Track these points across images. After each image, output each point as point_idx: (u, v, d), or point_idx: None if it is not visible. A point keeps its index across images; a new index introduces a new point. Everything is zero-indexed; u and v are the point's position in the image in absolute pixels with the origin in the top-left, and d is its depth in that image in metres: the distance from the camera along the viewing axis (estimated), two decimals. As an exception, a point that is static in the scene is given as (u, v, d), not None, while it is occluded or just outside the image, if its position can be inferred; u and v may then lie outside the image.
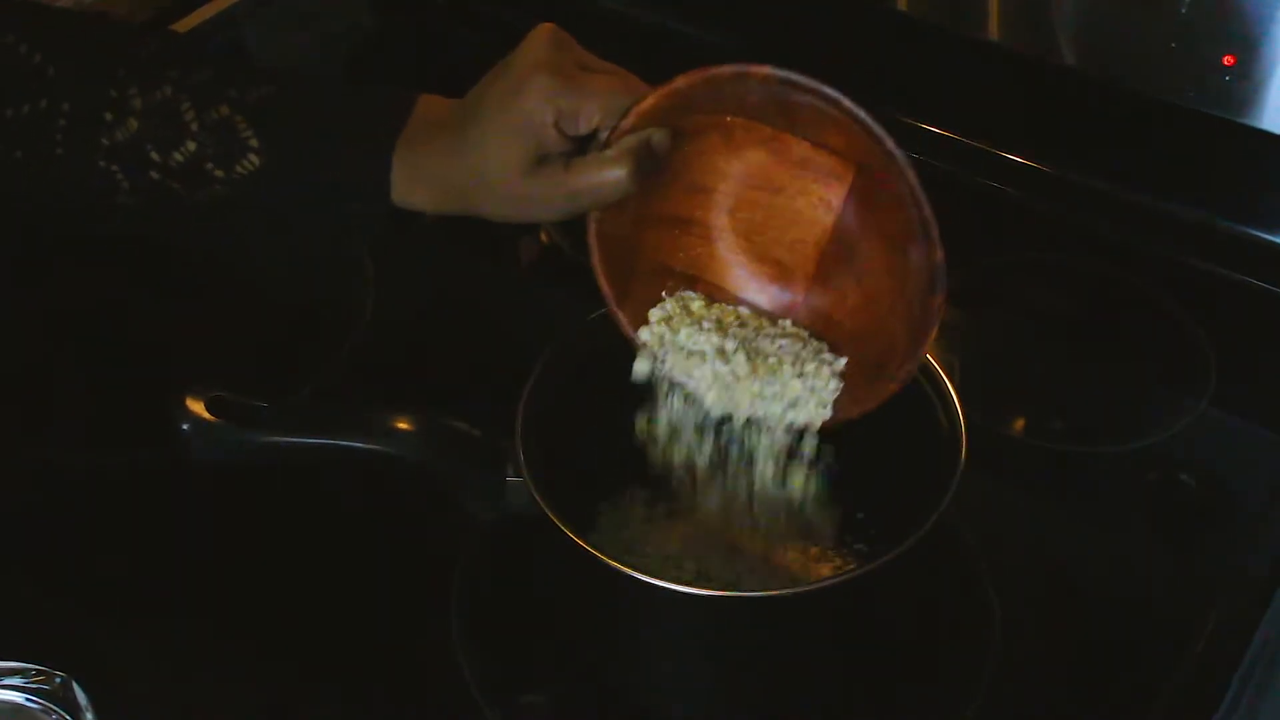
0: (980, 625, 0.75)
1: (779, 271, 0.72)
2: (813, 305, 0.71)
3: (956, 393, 0.71)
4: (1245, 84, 0.87)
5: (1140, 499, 0.82)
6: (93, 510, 0.81)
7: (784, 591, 0.72)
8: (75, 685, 0.68)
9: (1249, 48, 0.86)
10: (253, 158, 0.68)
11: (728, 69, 0.66)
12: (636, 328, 0.71)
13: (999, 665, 0.74)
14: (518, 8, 1.13)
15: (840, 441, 0.78)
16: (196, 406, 0.70)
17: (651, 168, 0.66)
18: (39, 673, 0.68)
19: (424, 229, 0.88)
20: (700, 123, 0.69)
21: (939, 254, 0.66)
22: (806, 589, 0.70)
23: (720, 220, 0.72)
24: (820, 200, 0.70)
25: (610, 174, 0.65)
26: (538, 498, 0.67)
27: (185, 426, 0.69)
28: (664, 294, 0.72)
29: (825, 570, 0.75)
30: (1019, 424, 0.86)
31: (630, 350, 0.71)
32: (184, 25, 1.14)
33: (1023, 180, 0.98)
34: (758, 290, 0.72)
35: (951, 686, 0.73)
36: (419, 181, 0.68)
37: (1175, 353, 0.89)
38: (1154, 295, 0.92)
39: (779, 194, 0.70)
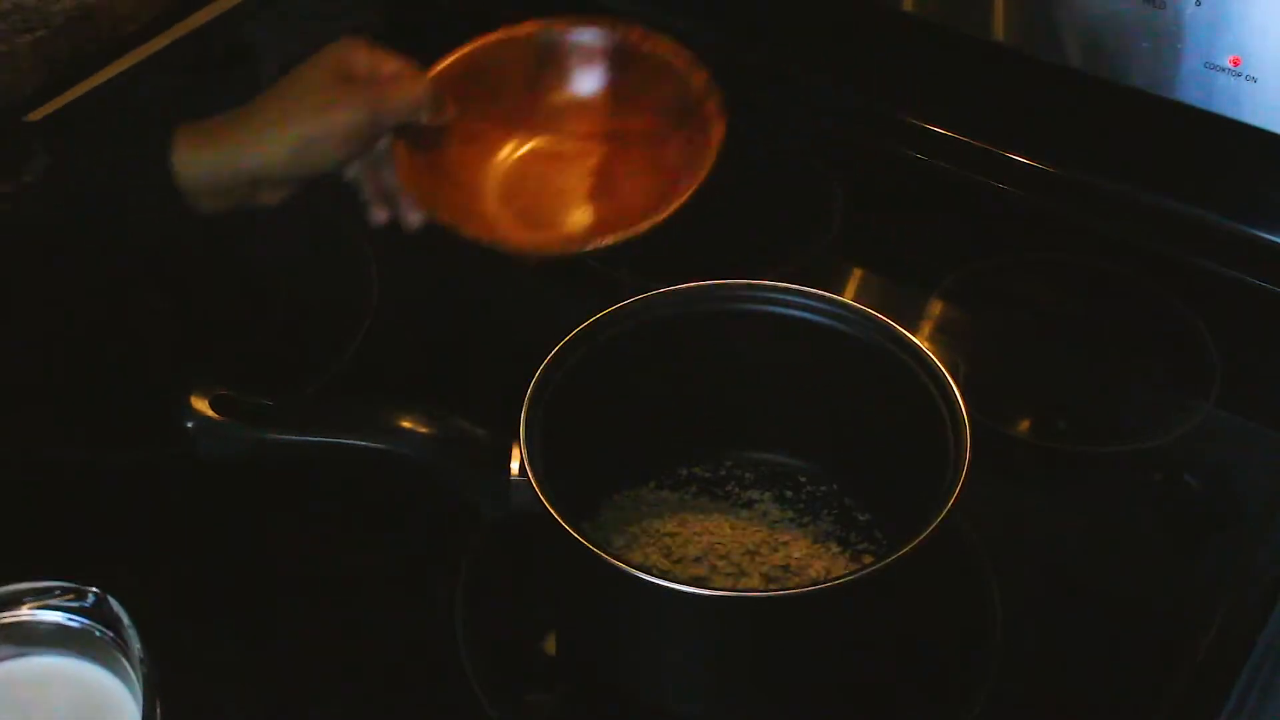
0: (983, 626, 0.75)
1: (560, 219, 0.82)
2: (600, 219, 0.81)
3: (961, 393, 0.71)
4: (1252, 84, 0.87)
5: (1145, 500, 0.82)
6: (97, 509, 0.81)
7: (787, 592, 0.72)
8: (111, 599, 0.65)
9: (1255, 48, 0.86)
10: (38, 162, 0.70)
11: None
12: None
13: (1002, 666, 0.73)
14: (522, 7, 1.13)
15: (845, 442, 0.78)
16: (201, 405, 0.70)
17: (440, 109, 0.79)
18: (66, 590, 0.65)
19: (428, 227, 0.88)
20: (473, 128, 0.83)
21: (700, 77, 0.82)
22: (810, 590, 0.70)
23: (493, 209, 0.83)
24: (584, 167, 0.83)
25: (413, 87, 0.77)
26: (541, 496, 0.67)
27: (190, 425, 0.70)
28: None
29: (829, 571, 0.75)
30: (1023, 424, 0.86)
31: (635, 346, 0.72)
32: (189, 24, 1.14)
33: (1028, 180, 0.98)
34: (545, 238, 0.82)
35: (954, 688, 0.73)
36: (203, 149, 0.74)
37: (1180, 354, 0.89)
38: (1159, 296, 0.92)
39: (545, 179, 0.83)
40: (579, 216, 0.82)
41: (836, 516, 0.78)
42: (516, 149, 0.85)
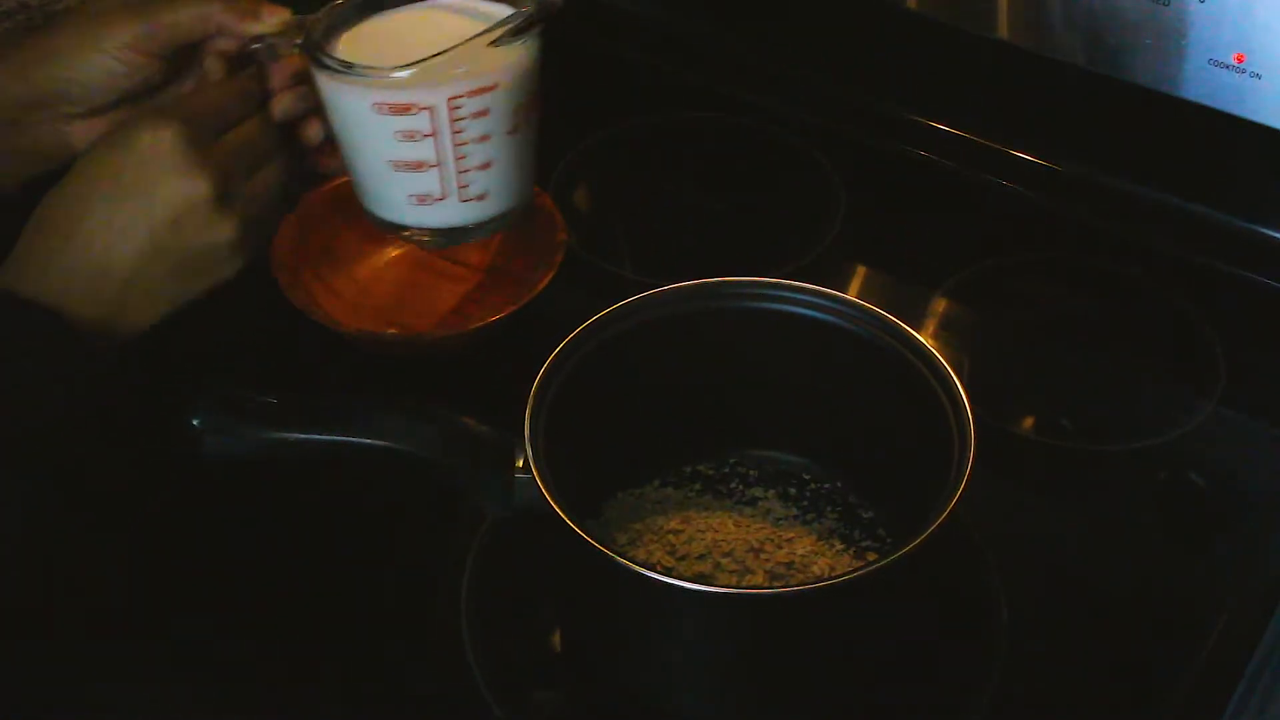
0: (986, 624, 0.75)
1: (408, 320, 0.90)
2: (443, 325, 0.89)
3: (965, 391, 0.71)
4: (1256, 81, 0.87)
5: (1148, 498, 0.82)
6: (100, 508, 0.81)
7: (790, 590, 0.72)
8: None
9: (1259, 45, 0.86)
10: None
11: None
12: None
13: (1006, 665, 0.73)
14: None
15: (848, 439, 0.78)
16: (206, 403, 0.70)
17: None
18: None
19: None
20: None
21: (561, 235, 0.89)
22: (812, 587, 0.70)
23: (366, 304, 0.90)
24: (455, 290, 0.91)
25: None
26: (546, 493, 0.67)
27: (195, 422, 0.70)
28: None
29: (832, 568, 0.75)
30: (1027, 422, 0.86)
31: (639, 344, 0.72)
32: (193, 23, 1.14)
33: (1031, 178, 0.98)
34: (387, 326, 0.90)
35: (957, 687, 0.73)
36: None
37: (1185, 352, 0.89)
38: (1163, 294, 0.92)
39: (419, 288, 0.92)
40: (425, 322, 0.90)
41: (840, 514, 0.79)
42: (404, 253, 0.93)
